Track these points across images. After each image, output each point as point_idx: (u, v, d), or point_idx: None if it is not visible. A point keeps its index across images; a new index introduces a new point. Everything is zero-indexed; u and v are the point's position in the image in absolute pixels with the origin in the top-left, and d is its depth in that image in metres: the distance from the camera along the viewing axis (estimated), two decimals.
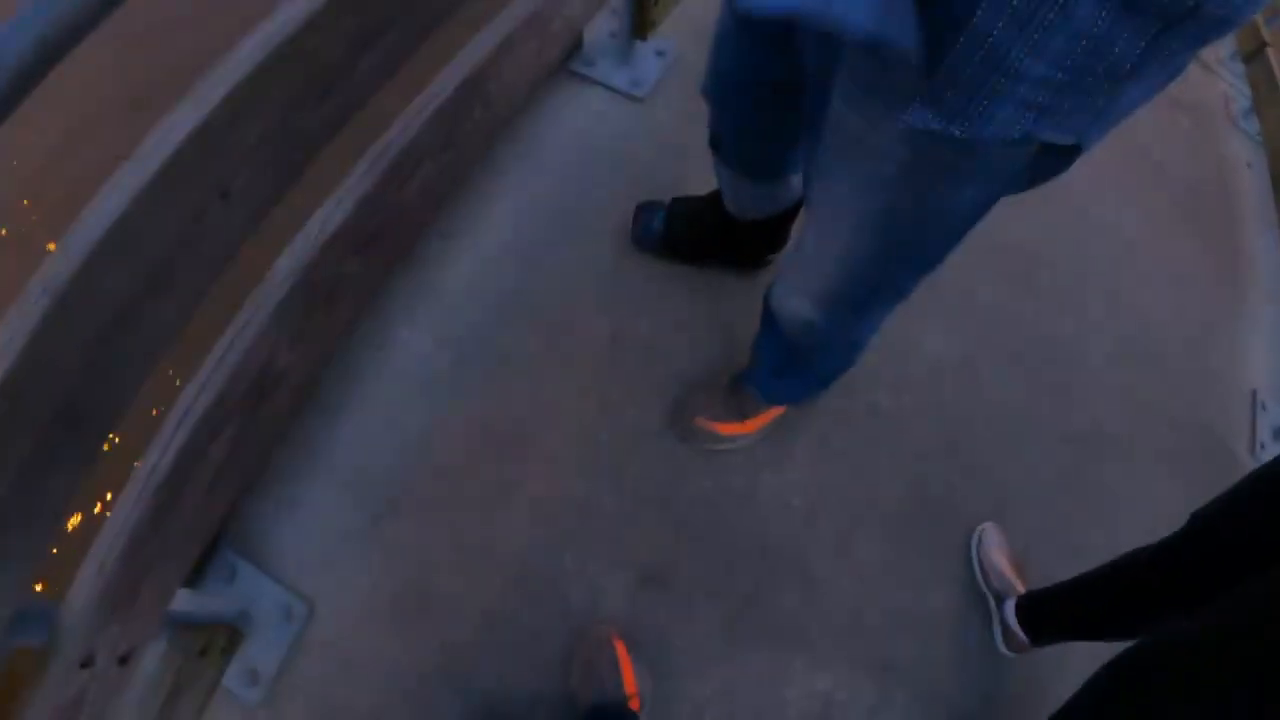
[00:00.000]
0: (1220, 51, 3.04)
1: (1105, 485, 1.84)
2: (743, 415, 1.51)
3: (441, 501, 1.55)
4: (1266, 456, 2.05)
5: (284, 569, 1.52)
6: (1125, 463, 1.87)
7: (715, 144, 1.38)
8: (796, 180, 1.40)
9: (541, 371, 1.62)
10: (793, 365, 1.34)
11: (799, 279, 1.09)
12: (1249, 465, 2.01)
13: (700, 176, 1.65)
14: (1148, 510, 1.80)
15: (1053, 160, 0.78)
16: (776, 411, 1.53)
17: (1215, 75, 2.95)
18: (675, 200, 1.69)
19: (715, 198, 1.60)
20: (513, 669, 1.46)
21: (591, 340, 1.64)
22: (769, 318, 1.28)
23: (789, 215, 1.52)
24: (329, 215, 1.25)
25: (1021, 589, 1.53)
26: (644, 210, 1.70)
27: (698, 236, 1.64)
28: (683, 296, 1.68)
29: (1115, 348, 2.01)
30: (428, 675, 1.46)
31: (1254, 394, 2.15)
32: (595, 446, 1.56)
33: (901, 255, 0.93)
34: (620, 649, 1.41)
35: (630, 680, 1.39)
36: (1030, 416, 1.82)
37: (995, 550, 1.58)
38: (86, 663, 0.97)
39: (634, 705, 1.38)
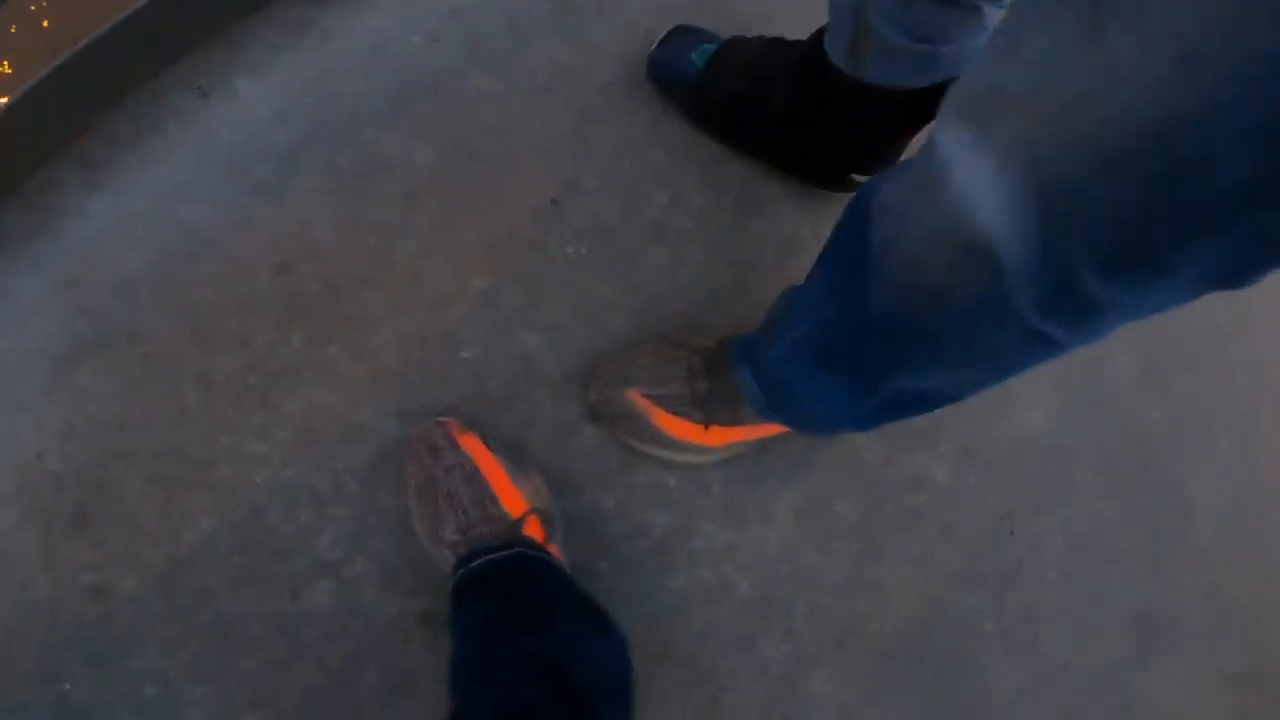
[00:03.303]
0: None
1: (1147, 692, 1.11)
2: (710, 415, 0.71)
3: (182, 359, 0.80)
4: None
5: None
6: (1180, 675, 1.14)
7: None
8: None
9: (422, 210, 0.84)
10: (856, 359, 0.56)
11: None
12: None
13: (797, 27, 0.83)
14: None
15: None
16: (769, 430, 0.73)
17: None
18: (735, 38, 0.87)
19: (813, 46, 0.78)
20: (179, 659, 0.77)
21: (520, 194, 0.84)
22: (852, 233, 0.50)
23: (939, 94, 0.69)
24: None
25: None
26: (681, 34, 0.88)
27: (754, 102, 0.83)
28: (691, 186, 0.87)
29: (1227, 513, 1.24)
30: (63, 608, 0.78)
31: None
32: (449, 363, 0.78)
33: None
34: (475, 446, 0.73)
35: (510, 491, 0.71)
36: (1110, 559, 1.07)
37: None
38: None
39: (533, 528, 0.70)
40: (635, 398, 0.73)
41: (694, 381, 0.72)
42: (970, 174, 0.41)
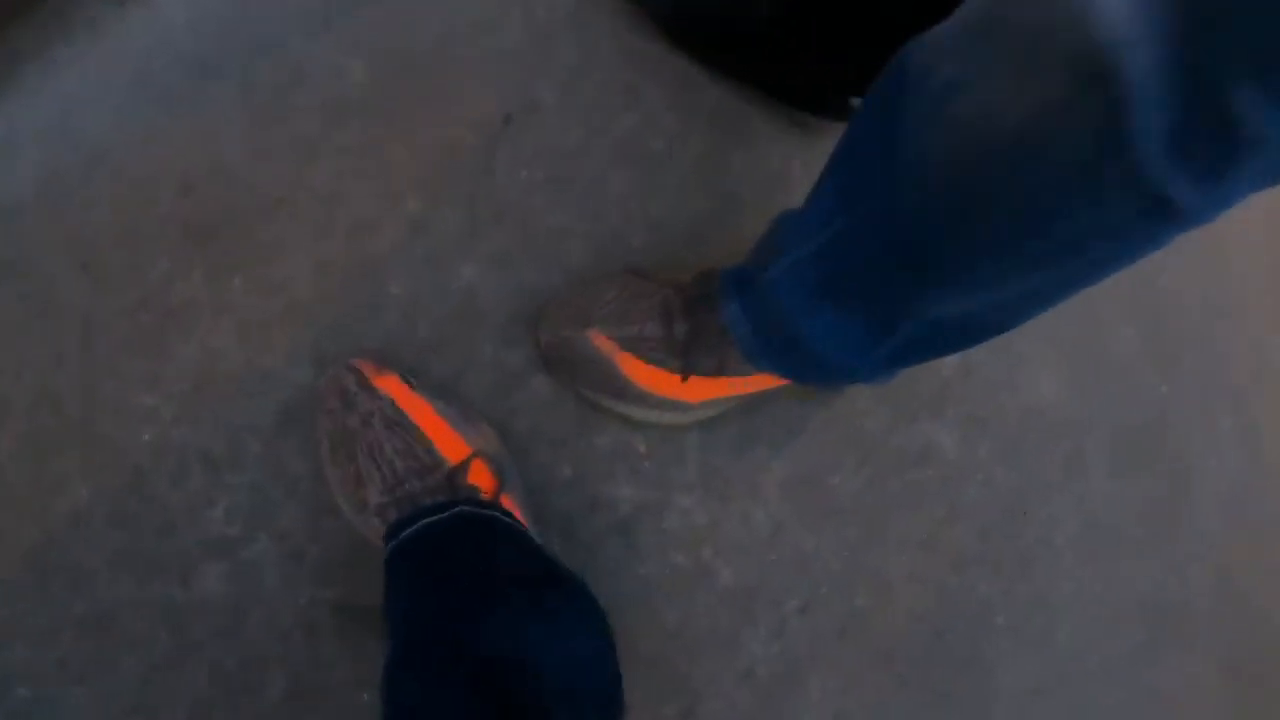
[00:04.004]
0: None
1: (1156, 685, 0.95)
2: (689, 363, 0.53)
3: (66, 295, 0.65)
4: None
5: None
6: (1186, 666, 0.98)
7: None
8: None
9: (349, 126, 0.68)
10: (877, 282, 0.43)
11: None
12: None
13: None
14: None
15: None
16: (759, 383, 0.56)
17: None
18: None
19: None
20: (53, 654, 0.60)
21: (467, 111, 0.67)
22: (882, 112, 0.40)
23: None
24: None
25: None
26: None
27: (738, 12, 0.66)
28: (664, 109, 0.70)
29: (1230, 495, 1.10)
30: None
31: None
32: (374, 299, 0.61)
33: None
34: (395, 387, 0.55)
35: (445, 433, 0.54)
36: (1121, 542, 0.91)
37: None
38: None
39: (480, 476, 0.52)
40: (598, 340, 0.56)
41: (670, 322, 0.55)
42: None
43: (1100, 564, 0.92)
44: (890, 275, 0.45)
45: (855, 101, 0.72)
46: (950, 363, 0.81)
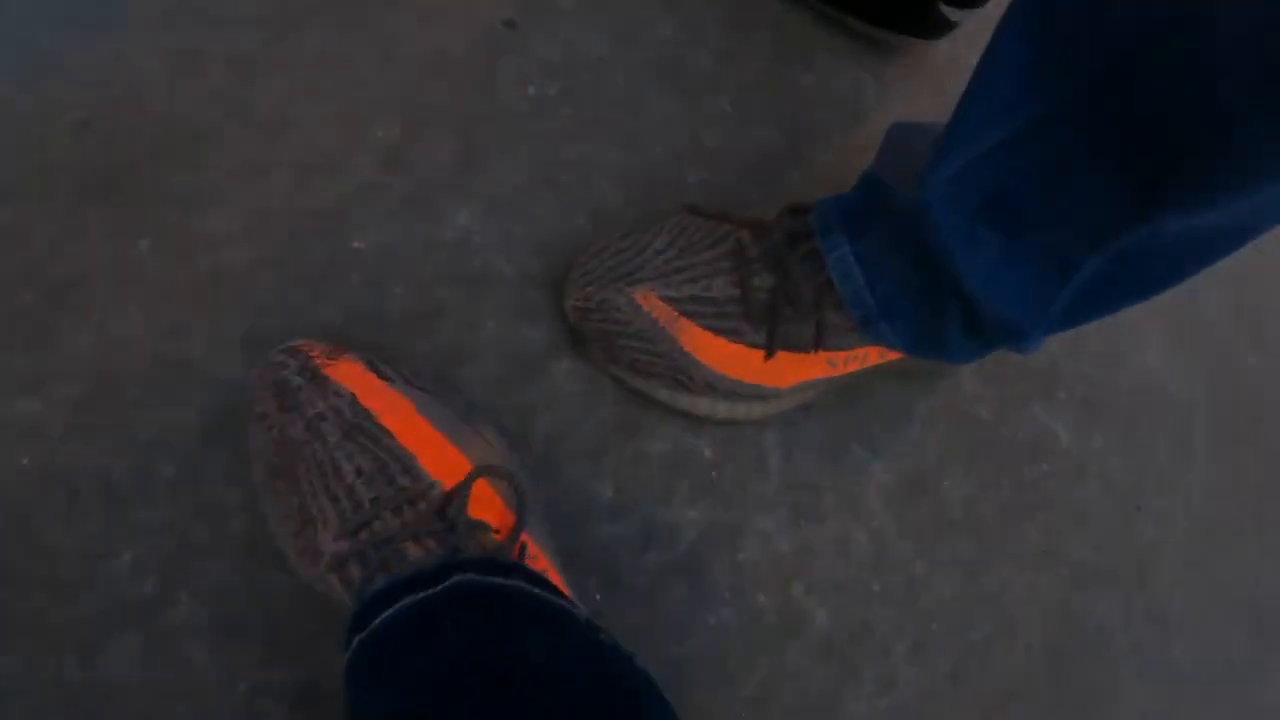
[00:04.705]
0: None
1: (1261, 696, 0.77)
2: (777, 333, 0.34)
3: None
4: None
5: None
6: None
7: None
8: None
9: (302, 35, 0.49)
10: (1087, 188, 0.29)
11: None
12: None
13: None
14: None
15: None
16: (867, 358, 0.37)
17: None
18: None
19: None
20: None
21: (456, 12, 0.46)
22: None
23: None
24: None
25: None
26: None
27: None
28: (709, 20, 0.53)
29: None
30: None
31: None
32: (332, 259, 0.41)
33: None
34: (357, 377, 0.33)
35: (432, 441, 0.31)
36: (1226, 539, 0.79)
37: None
38: None
39: (487, 507, 0.30)
40: (648, 303, 0.38)
41: (748, 274, 0.37)
42: None
43: (1207, 566, 0.75)
44: (1108, 179, 0.28)
45: (949, 11, 0.54)
46: (1058, 335, 0.64)
